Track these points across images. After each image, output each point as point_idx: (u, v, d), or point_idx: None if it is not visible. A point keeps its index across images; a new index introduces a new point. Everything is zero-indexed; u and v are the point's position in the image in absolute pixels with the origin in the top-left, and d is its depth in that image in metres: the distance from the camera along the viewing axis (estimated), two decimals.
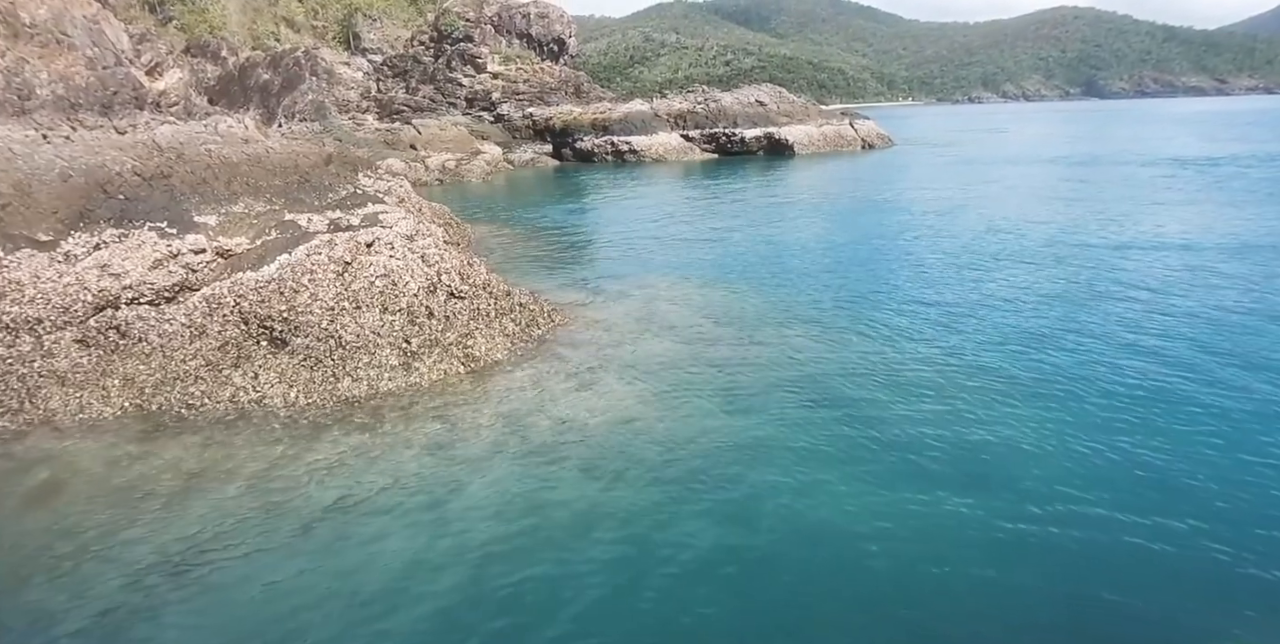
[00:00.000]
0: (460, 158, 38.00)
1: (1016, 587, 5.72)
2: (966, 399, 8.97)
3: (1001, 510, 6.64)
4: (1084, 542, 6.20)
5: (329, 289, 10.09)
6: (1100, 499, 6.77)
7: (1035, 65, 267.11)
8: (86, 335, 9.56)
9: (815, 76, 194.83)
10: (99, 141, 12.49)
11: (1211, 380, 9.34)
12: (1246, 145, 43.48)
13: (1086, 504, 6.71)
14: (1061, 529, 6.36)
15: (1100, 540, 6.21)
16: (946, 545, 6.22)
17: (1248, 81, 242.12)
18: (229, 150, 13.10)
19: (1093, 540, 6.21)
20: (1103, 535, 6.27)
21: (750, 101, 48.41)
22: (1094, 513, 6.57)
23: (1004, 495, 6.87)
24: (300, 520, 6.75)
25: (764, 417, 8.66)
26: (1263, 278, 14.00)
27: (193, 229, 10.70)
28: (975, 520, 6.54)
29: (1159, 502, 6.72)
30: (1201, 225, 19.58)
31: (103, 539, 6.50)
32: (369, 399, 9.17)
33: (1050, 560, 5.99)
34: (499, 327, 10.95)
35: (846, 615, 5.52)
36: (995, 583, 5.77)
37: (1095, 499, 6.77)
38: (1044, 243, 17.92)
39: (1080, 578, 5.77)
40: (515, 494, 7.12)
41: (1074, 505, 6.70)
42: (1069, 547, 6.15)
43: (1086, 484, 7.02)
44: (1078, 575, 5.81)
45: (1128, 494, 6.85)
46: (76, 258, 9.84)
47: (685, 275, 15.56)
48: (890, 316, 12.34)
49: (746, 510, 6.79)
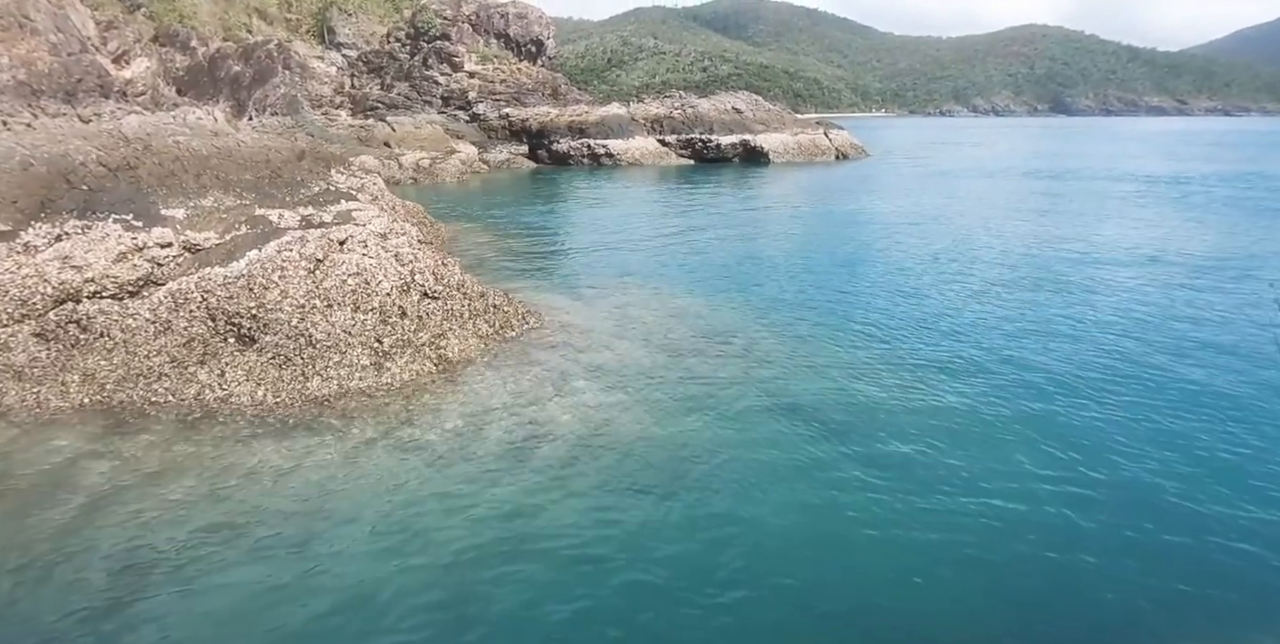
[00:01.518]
0: (435, 156, 37.66)
1: (997, 589, 5.81)
2: (936, 406, 9.10)
3: (974, 510, 6.75)
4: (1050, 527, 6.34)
5: (300, 286, 9.91)
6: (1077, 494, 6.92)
7: (1005, 81, 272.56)
8: (45, 329, 9.28)
9: (791, 85, 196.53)
10: (62, 130, 12.16)
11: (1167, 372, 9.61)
12: (1211, 165, 44.87)
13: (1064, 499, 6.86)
14: (1032, 527, 6.49)
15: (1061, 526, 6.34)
16: (918, 548, 6.30)
17: (1207, 103, 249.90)
18: (198, 143, 12.84)
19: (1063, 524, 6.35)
20: (1068, 526, 6.40)
21: (727, 108, 48.73)
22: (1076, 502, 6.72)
23: (978, 496, 6.98)
24: (265, 521, 6.61)
25: (736, 423, 8.69)
26: (1222, 291, 14.44)
27: (159, 222, 10.45)
28: (946, 522, 6.63)
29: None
30: (1172, 240, 20.15)
31: (60, 539, 6.29)
32: (339, 399, 9.02)
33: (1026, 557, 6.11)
34: (472, 328, 10.86)
35: (814, 620, 5.55)
36: (971, 581, 5.86)
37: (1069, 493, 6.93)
38: (1019, 255, 18.27)
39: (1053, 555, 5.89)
40: (486, 497, 7.05)
41: (1050, 504, 6.84)
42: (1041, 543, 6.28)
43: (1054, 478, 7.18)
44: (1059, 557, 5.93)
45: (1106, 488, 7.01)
46: (36, 249, 9.56)
47: (660, 281, 15.58)
48: (862, 326, 12.47)
49: (716, 515, 6.80)
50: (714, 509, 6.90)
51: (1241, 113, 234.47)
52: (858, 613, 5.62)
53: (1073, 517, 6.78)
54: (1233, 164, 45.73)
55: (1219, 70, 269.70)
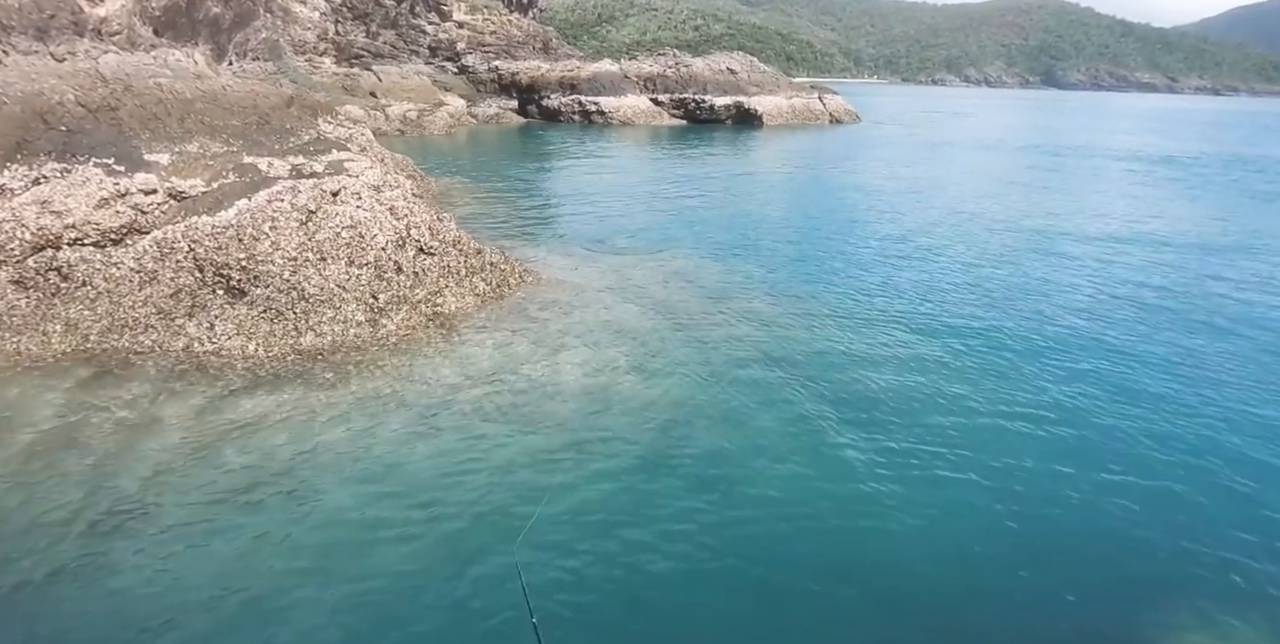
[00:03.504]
0: (422, 109, 36.67)
1: (994, 553, 5.82)
2: (929, 368, 9.07)
3: (966, 469, 6.75)
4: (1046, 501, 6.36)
5: (291, 238, 9.58)
6: (1078, 471, 6.94)
7: (998, 52, 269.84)
8: (24, 276, 8.91)
9: (784, 48, 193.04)
10: (35, 68, 11.53)
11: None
12: (1210, 145, 44.87)
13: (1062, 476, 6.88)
14: (1038, 500, 6.50)
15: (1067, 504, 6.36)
16: (915, 510, 6.29)
17: (1197, 81, 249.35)
18: (181, 85, 12.27)
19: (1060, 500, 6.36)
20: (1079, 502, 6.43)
21: (721, 68, 47.80)
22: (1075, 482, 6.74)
23: (973, 459, 6.97)
24: (255, 475, 6.46)
25: (733, 384, 8.62)
26: (1239, 272, 14.52)
27: (143, 168, 10.00)
28: (941, 482, 6.63)
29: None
30: (1178, 220, 20.18)
31: (45, 489, 6.08)
32: (333, 353, 8.79)
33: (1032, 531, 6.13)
34: (469, 286, 10.60)
35: (811, 578, 5.55)
36: (967, 543, 5.87)
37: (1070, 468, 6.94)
38: (1016, 230, 18.19)
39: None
40: (479, 455, 6.93)
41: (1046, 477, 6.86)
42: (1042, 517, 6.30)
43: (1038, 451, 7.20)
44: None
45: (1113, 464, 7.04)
46: (13, 192, 9.11)
47: (657, 242, 15.34)
48: (860, 288, 12.37)
49: (712, 474, 6.77)
50: (711, 470, 6.86)
51: (1230, 93, 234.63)
52: (859, 567, 5.62)
53: (1095, 487, 6.81)
54: (1233, 146, 45.70)
55: (1211, 49, 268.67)
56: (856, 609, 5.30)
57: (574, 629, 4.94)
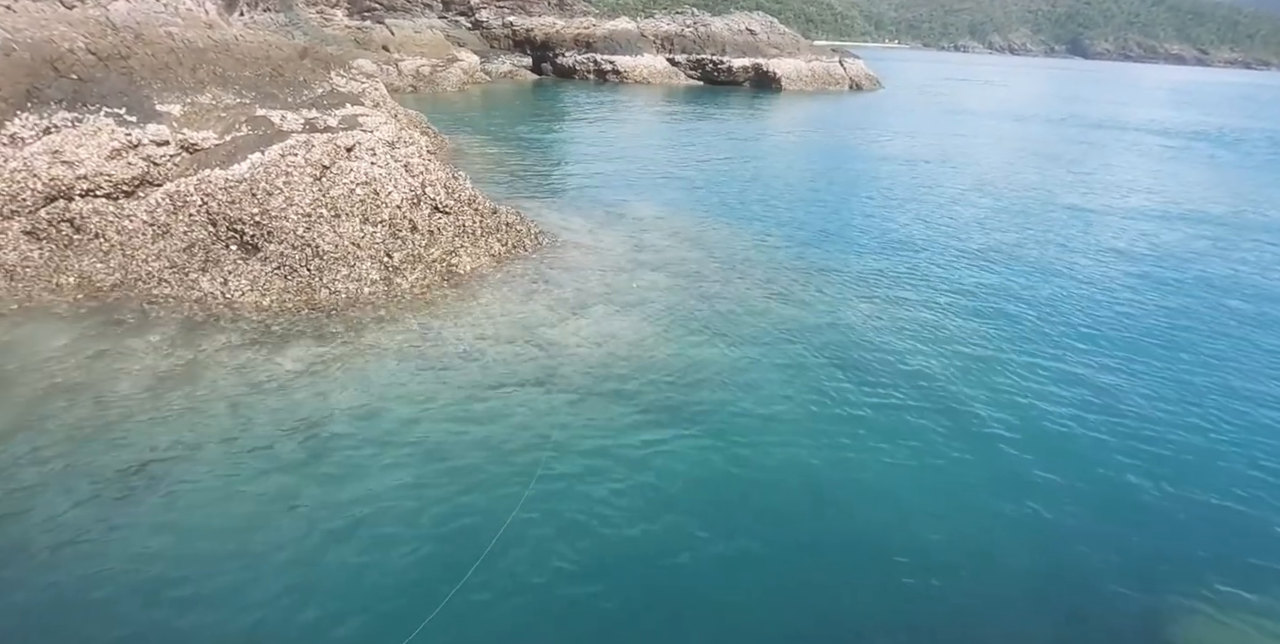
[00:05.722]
0: (436, 64, 35.96)
1: (1001, 510, 5.79)
2: (953, 339, 8.95)
3: (978, 438, 6.70)
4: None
5: (306, 194, 9.43)
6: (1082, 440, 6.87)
7: (1024, 18, 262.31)
8: (37, 227, 8.83)
9: (804, 9, 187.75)
10: (45, 14, 11.25)
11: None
12: (1251, 121, 43.51)
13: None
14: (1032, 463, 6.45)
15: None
16: (924, 479, 6.26)
17: (1228, 54, 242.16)
18: (192, 34, 11.98)
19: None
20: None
21: (740, 29, 46.62)
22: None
23: (981, 427, 6.91)
24: (270, 428, 6.46)
25: (748, 347, 8.57)
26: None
27: (155, 118, 9.83)
28: (954, 449, 6.59)
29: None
30: (1217, 198, 19.70)
31: (69, 438, 6.09)
32: (347, 310, 8.71)
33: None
34: (484, 246, 10.47)
35: (818, 536, 5.59)
36: (978, 507, 5.84)
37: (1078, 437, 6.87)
38: (1052, 205, 17.84)
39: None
40: (496, 414, 6.90)
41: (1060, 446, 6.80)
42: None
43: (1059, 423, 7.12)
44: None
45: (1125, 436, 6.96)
46: (24, 141, 8.97)
47: (674, 205, 15.09)
48: (881, 260, 12.18)
49: (728, 440, 6.74)
50: (726, 434, 6.83)
51: (1262, 67, 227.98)
52: (872, 529, 5.61)
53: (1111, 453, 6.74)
54: (1274, 122, 44.23)
55: (1244, 20, 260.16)
56: (868, 570, 5.29)
57: (582, 587, 4.94)
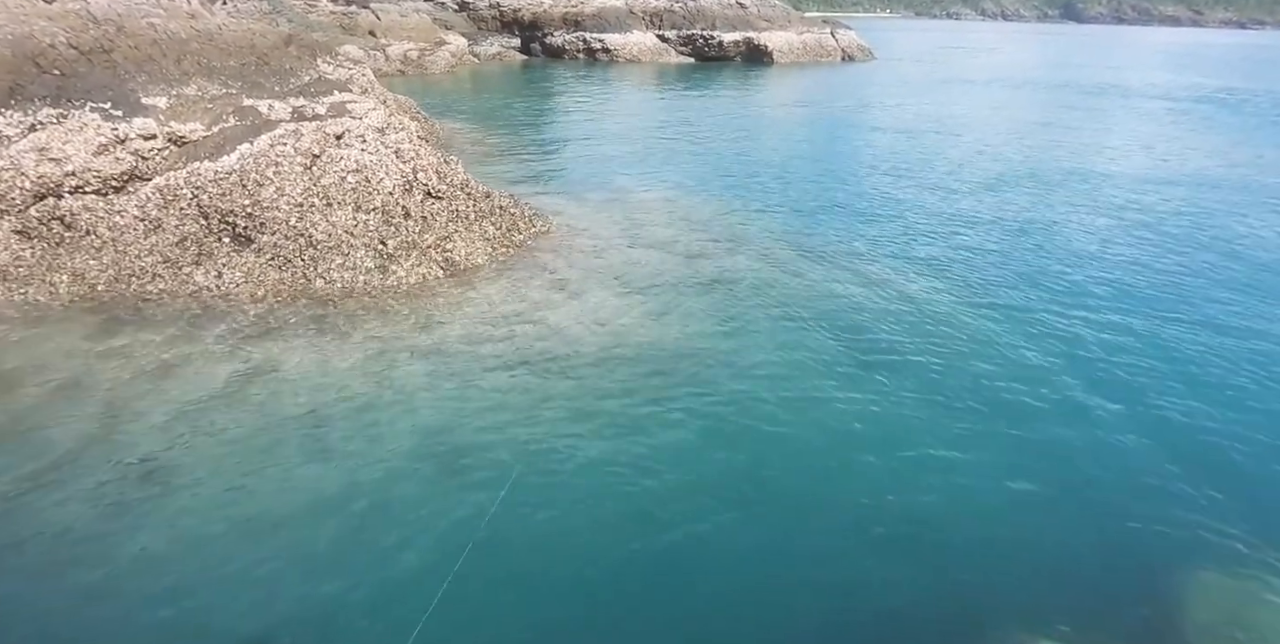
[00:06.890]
0: (423, 48, 35.58)
1: (1004, 491, 5.81)
2: (950, 317, 8.93)
3: (985, 420, 6.70)
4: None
5: (296, 183, 9.36)
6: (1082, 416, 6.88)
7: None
8: (27, 226, 8.78)
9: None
10: (22, 8, 11.10)
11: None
12: (1251, 82, 42.62)
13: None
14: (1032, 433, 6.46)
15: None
16: (928, 457, 6.27)
17: (1222, 14, 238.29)
18: (175, 25, 11.82)
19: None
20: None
21: (730, 2, 45.96)
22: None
23: (987, 405, 6.91)
24: (271, 421, 6.45)
25: (749, 329, 8.53)
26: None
27: (140, 112, 9.73)
28: (956, 427, 6.60)
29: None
30: (1220, 164, 19.53)
31: (69, 438, 6.10)
32: (343, 300, 8.70)
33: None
34: (479, 230, 10.41)
35: (825, 523, 5.57)
36: (975, 487, 5.87)
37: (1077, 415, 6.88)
38: (1051, 173, 17.70)
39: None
40: (495, 402, 6.88)
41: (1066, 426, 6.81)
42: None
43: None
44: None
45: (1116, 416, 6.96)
46: (10, 139, 8.89)
47: (668, 184, 15.00)
48: (878, 233, 12.12)
49: (731, 424, 6.72)
50: (729, 418, 6.80)
51: (1257, 26, 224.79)
52: (877, 513, 5.62)
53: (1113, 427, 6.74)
54: (1274, 83, 43.59)
55: None
56: (872, 552, 5.32)
57: (579, 561, 4.97)
